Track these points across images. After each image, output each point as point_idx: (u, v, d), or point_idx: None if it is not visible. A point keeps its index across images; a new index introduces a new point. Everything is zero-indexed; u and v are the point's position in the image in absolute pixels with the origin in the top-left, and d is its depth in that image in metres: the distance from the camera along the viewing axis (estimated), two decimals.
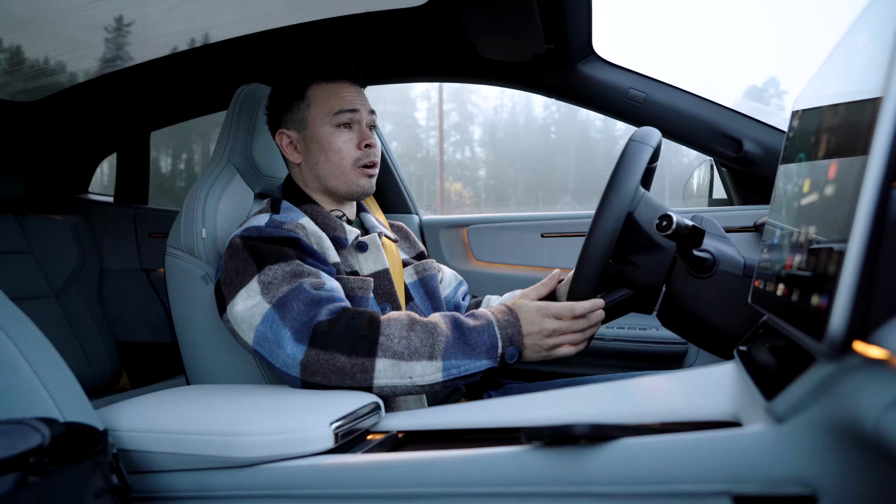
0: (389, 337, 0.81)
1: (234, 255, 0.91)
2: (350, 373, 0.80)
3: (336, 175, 1.02)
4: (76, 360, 1.82)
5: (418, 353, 0.81)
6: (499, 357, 0.82)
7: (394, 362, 0.80)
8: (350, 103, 1.02)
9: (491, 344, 0.82)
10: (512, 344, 0.83)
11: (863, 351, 0.38)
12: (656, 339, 1.47)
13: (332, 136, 1.01)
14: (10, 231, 1.80)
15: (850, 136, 0.46)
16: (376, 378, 0.80)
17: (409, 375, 0.80)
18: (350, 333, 0.81)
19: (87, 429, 0.58)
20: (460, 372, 0.81)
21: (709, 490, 0.49)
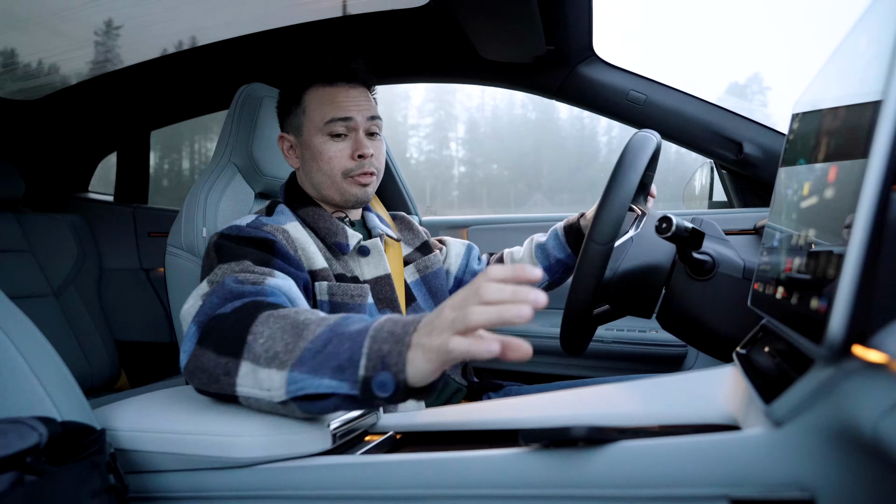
0: (256, 335, 0.64)
1: (208, 252, 0.89)
2: (214, 374, 0.65)
3: (328, 184, 1.01)
4: (75, 359, 1.82)
5: (276, 360, 0.62)
6: (359, 381, 0.57)
7: (253, 367, 0.63)
8: (344, 111, 0.98)
9: (349, 359, 0.58)
10: (385, 368, 0.55)
11: (862, 355, 0.38)
12: (655, 342, 1.47)
13: (325, 146, 0.99)
14: (10, 230, 1.80)
15: (850, 139, 0.46)
16: (239, 385, 0.63)
17: (266, 387, 0.61)
18: (229, 328, 0.67)
19: (85, 428, 0.58)
20: (299, 389, 0.59)
21: (707, 494, 0.49)
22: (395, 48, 1.56)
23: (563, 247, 1.14)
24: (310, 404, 0.61)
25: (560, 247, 1.15)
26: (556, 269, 1.16)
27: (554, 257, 1.15)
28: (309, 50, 1.57)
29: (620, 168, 0.86)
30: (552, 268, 1.16)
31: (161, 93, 1.87)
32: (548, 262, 1.16)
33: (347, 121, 0.99)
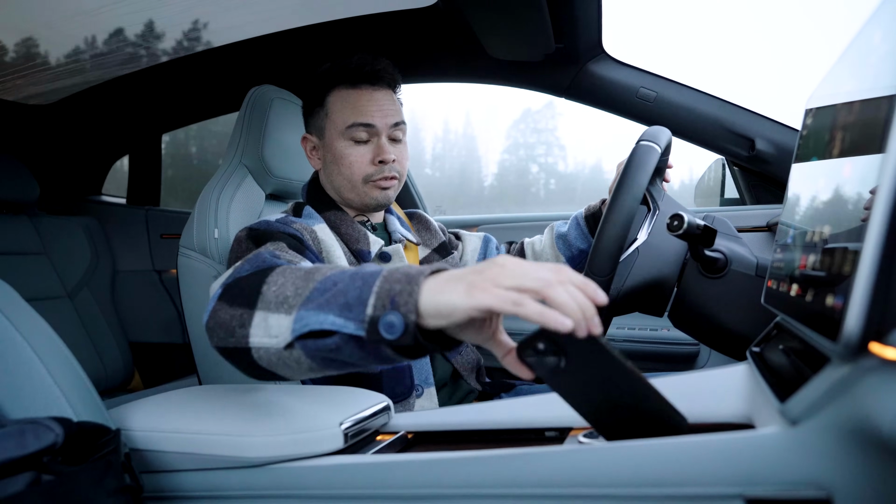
0: (270, 284, 0.62)
1: (237, 245, 0.88)
2: (231, 327, 0.62)
3: (348, 188, 1.00)
4: (89, 360, 1.84)
5: (287, 304, 0.59)
6: (366, 320, 0.53)
7: (264, 315, 0.60)
8: (367, 116, 0.97)
9: (357, 297, 0.54)
10: (395, 307, 0.52)
11: (879, 352, 0.38)
12: (668, 340, 1.46)
13: (346, 150, 0.98)
14: (25, 232, 1.82)
15: (865, 134, 0.46)
16: (251, 336, 0.61)
17: (274, 333, 0.59)
18: (246, 282, 0.65)
19: (100, 428, 0.59)
20: (304, 327, 0.56)
21: (722, 493, 0.49)
22: (404, 48, 1.56)
23: (585, 236, 1.11)
24: (314, 344, 0.56)
25: (582, 236, 1.11)
26: (579, 260, 1.12)
27: (577, 248, 1.12)
28: (318, 51, 1.58)
29: (623, 182, 0.84)
30: (574, 258, 1.12)
31: (172, 96, 1.89)
32: (570, 252, 1.12)
33: (369, 127, 0.98)
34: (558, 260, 1.12)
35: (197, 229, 1.06)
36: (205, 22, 1.44)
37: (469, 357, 1.08)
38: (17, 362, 0.62)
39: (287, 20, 1.45)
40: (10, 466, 0.49)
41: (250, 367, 0.64)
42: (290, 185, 1.20)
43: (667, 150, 1.01)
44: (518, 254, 1.19)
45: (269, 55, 1.61)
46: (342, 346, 0.55)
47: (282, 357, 0.60)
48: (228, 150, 1.17)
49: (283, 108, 1.16)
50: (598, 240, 0.83)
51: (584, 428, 0.64)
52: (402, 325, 0.51)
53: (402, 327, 0.51)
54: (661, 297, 0.90)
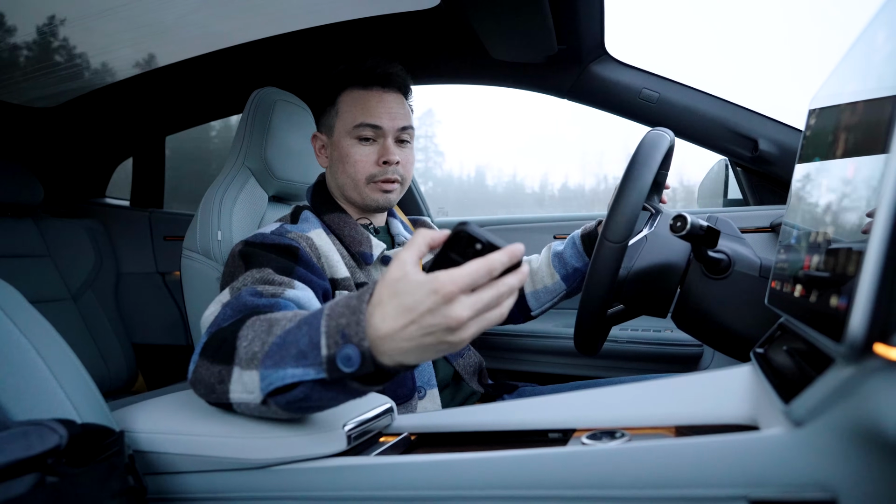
0: (242, 339, 0.62)
1: (231, 260, 0.89)
2: (210, 384, 0.63)
3: (351, 186, 1.01)
4: (93, 362, 1.85)
5: (254, 359, 0.60)
6: (323, 362, 0.53)
7: (239, 372, 0.61)
8: (375, 117, 0.98)
9: (308, 342, 0.55)
10: (347, 340, 0.52)
11: (884, 353, 0.38)
12: (671, 341, 1.46)
13: (352, 149, 0.99)
14: (29, 235, 1.83)
15: (868, 134, 0.46)
16: (231, 392, 0.61)
17: (251, 389, 0.59)
18: (223, 337, 0.65)
19: (104, 430, 0.59)
20: (268, 385, 0.57)
21: (726, 494, 0.49)
22: (407, 50, 1.56)
23: (580, 255, 1.11)
24: (283, 398, 0.57)
25: (577, 255, 1.12)
26: (574, 278, 1.13)
27: (571, 266, 1.12)
28: (321, 53, 1.58)
29: (634, 165, 0.85)
30: (569, 276, 1.13)
31: (175, 98, 1.90)
32: (565, 270, 1.13)
33: (376, 128, 0.99)
34: (553, 278, 1.14)
35: (200, 231, 1.07)
36: (209, 24, 1.45)
37: (470, 359, 1.08)
38: (21, 364, 0.62)
39: (290, 22, 1.46)
40: (15, 468, 0.49)
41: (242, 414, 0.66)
42: (294, 186, 1.21)
43: (666, 163, 1.02)
44: None
45: (272, 57, 1.62)
46: (310, 394, 0.56)
47: (262, 411, 0.61)
48: (231, 153, 1.17)
49: (286, 111, 1.17)
50: (613, 206, 0.83)
51: (587, 429, 0.64)
52: (359, 354, 0.52)
53: (360, 357, 0.52)
54: (667, 290, 0.90)
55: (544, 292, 1.15)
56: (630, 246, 0.95)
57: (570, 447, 0.57)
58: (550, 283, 1.14)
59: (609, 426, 0.64)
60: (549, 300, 1.16)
